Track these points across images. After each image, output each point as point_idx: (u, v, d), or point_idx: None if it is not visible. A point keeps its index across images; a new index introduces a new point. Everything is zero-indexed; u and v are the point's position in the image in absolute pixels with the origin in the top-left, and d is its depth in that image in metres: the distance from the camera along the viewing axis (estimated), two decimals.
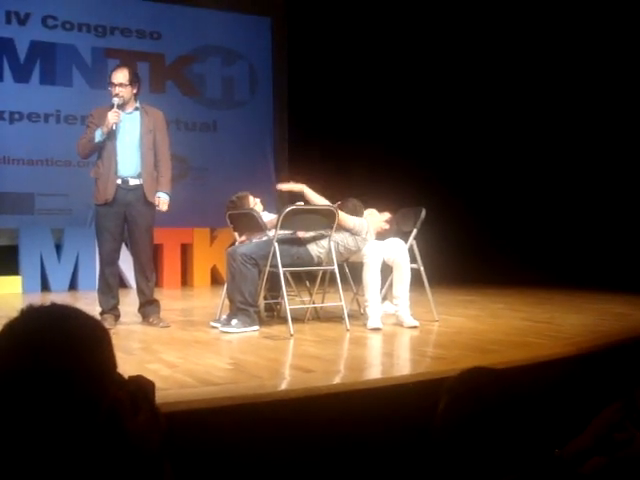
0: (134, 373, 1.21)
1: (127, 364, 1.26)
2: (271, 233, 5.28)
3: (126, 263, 8.67)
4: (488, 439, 1.42)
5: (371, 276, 5.09)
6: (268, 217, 5.44)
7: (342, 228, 5.19)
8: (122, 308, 6.84)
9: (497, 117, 9.33)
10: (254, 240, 5.34)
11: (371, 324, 4.98)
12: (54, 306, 1.28)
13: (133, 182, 5.23)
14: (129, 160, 5.24)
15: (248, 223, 5.40)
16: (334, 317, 5.52)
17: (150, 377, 1.17)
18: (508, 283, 8.05)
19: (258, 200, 5.62)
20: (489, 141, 9.47)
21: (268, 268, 4.95)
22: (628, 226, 8.18)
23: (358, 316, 5.49)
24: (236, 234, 5.59)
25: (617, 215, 8.32)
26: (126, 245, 6.08)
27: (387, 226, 5.47)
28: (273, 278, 5.23)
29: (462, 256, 8.68)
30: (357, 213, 5.32)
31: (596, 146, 8.50)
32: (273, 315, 5.68)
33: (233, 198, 5.63)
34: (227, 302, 5.38)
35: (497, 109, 9.29)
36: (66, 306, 1.28)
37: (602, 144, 8.46)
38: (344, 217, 5.17)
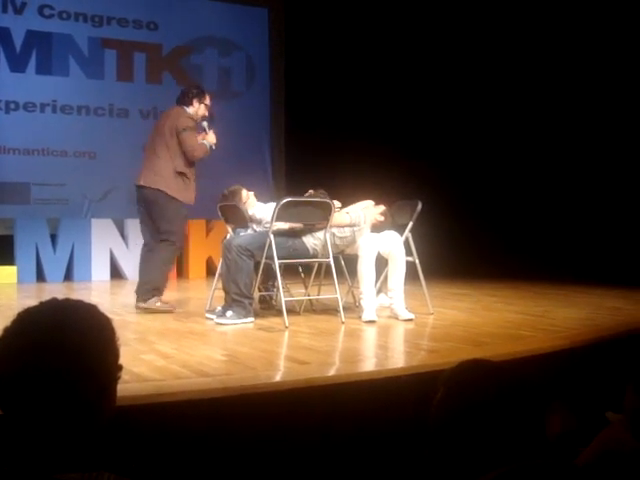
0: (129, 364, 1.22)
1: (122, 355, 1.28)
2: (256, 227, 5.33)
3: (124, 254, 8.68)
4: (484, 431, 1.43)
5: (366, 269, 5.10)
6: (264, 209, 5.45)
7: (340, 227, 5.21)
8: (118, 299, 6.85)
9: (493, 110, 9.33)
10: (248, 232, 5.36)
11: (366, 317, 4.99)
12: (64, 302, 1.27)
13: None
14: None
15: (236, 216, 5.44)
16: (329, 309, 5.53)
17: (144, 367, 1.18)
18: (503, 276, 8.06)
19: (251, 193, 5.63)
20: (485, 134, 9.46)
21: (264, 260, 4.95)
22: (622, 220, 8.19)
23: (353, 308, 5.50)
24: (228, 226, 5.62)
25: (612, 209, 8.34)
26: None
27: (382, 219, 5.47)
28: (266, 270, 5.24)
29: (457, 249, 8.69)
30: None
31: (592, 139, 8.51)
32: (268, 307, 5.69)
33: (225, 191, 5.68)
34: (218, 293, 5.39)
35: (493, 101, 9.28)
36: (75, 303, 1.28)
37: (598, 137, 8.46)
38: (339, 218, 5.18)
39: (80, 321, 1.23)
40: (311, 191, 5.53)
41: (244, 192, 5.60)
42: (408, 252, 5.31)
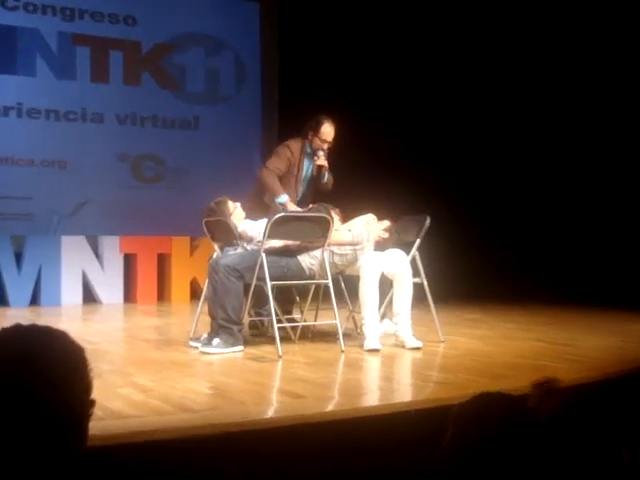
0: (103, 398, 1.21)
1: (95, 388, 1.26)
2: (247, 245, 5.30)
3: (98, 275, 8.66)
4: (498, 474, 1.41)
5: (368, 291, 5.09)
6: (255, 225, 5.44)
7: (340, 245, 5.22)
8: (91, 325, 6.83)
9: (507, 125, 9.40)
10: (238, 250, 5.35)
11: (368, 345, 4.98)
12: (29, 328, 1.26)
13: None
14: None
15: (224, 232, 5.42)
16: (327, 337, 5.52)
17: (120, 402, 1.16)
18: (519, 300, 8.06)
19: (238, 204, 5.61)
20: (499, 150, 9.52)
21: (254, 282, 4.93)
22: None
23: (354, 336, 5.49)
24: (214, 244, 5.59)
25: (636, 228, 8.37)
26: None
27: (386, 235, 5.48)
28: (257, 293, 5.21)
29: (469, 270, 8.69)
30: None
31: (614, 159, 8.57)
32: (259, 334, 5.67)
33: (211, 204, 5.65)
34: (203, 319, 5.38)
35: (507, 116, 9.35)
36: (42, 329, 1.27)
37: (617, 155, 8.53)
38: (339, 236, 5.19)
39: (47, 350, 1.22)
40: (312, 205, 5.53)
41: (230, 204, 5.59)
42: (415, 273, 5.32)
